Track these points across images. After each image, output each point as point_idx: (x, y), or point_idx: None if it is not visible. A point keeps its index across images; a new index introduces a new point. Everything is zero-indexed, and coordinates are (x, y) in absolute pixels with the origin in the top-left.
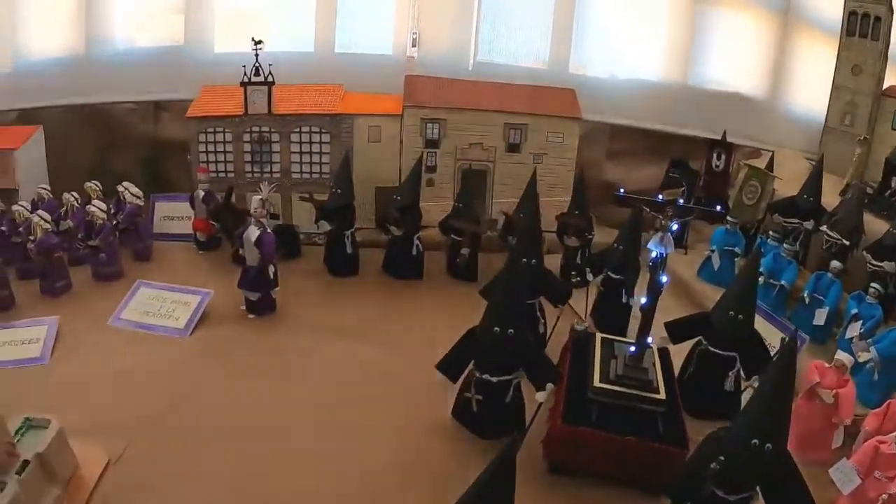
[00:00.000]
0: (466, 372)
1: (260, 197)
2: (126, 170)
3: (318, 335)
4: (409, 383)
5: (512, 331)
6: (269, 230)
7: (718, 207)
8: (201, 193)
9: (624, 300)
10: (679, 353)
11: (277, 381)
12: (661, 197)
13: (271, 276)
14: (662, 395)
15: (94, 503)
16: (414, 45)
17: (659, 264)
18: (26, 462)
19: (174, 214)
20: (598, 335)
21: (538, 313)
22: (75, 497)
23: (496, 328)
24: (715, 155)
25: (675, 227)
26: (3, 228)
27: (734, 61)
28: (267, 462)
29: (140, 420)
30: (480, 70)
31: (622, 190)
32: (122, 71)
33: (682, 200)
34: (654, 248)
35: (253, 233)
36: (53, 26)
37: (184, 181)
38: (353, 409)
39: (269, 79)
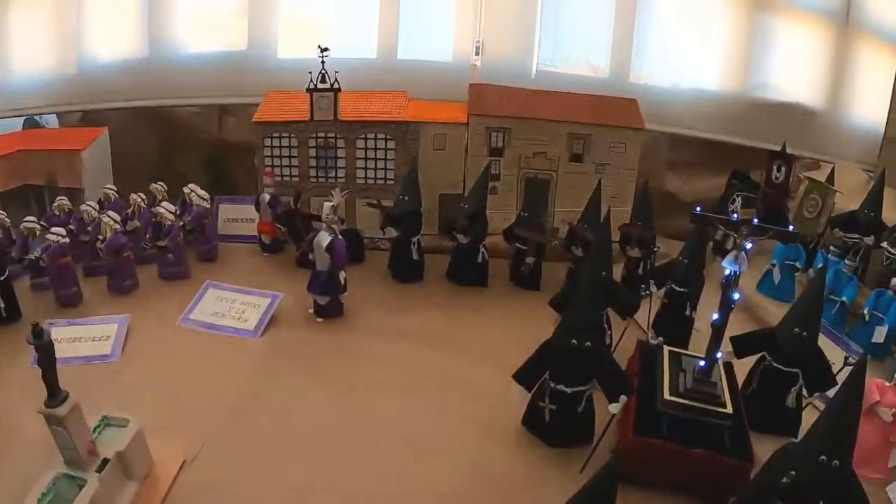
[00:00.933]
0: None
1: (332, 203)
2: (188, 171)
3: (385, 340)
4: (477, 389)
5: (588, 343)
6: (339, 236)
7: (791, 227)
8: (267, 197)
9: (687, 313)
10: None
11: (346, 385)
12: (736, 216)
13: (342, 281)
14: (729, 410)
15: (169, 502)
16: (477, 54)
17: (732, 282)
18: (106, 460)
19: (238, 216)
20: (666, 348)
21: (605, 324)
22: (151, 495)
23: (573, 340)
24: (775, 167)
25: (749, 245)
26: (72, 227)
27: (794, 71)
28: (335, 467)
29: (213, 420)
30: (542, 78)
31: (699, 209)
32: (187, 75)
33: (756, 220)
34: (728, 266)
35: (324, 238)
36: (118, 30)
37: (246, 183)
38: (420, 414)
39: (336, 86)
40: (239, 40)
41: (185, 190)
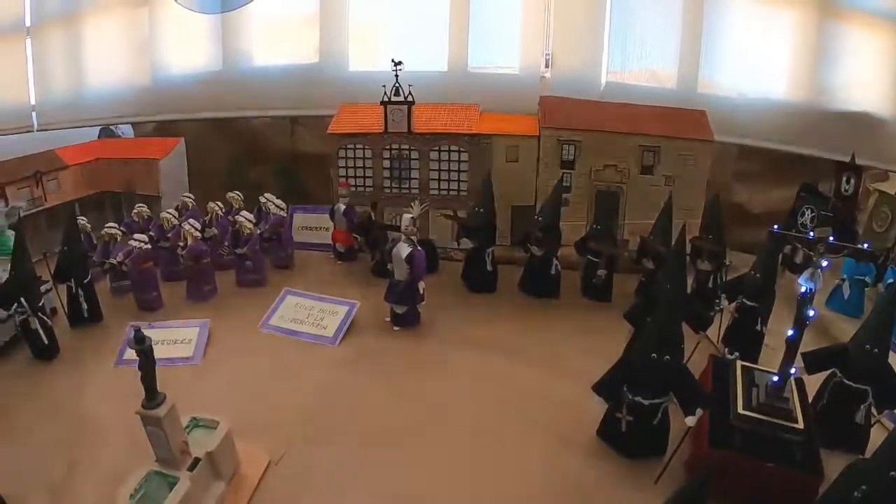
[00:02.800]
0: None
1: (411, 215)
2: (261, 181)
3: (460, 349)
4: (551, 399)
5: (668, 357)
6: (419, 247)
7: (866, 245)
8: (342, 207)
9: (758, 328)
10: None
11: (423, 394)
12: (812, 234)
13: (421, 291)
14: (801, 425)
15: (255, 502)
16: (547, 66)
17: (807, 299)
18: (197, 459)
19: (312, 225)
20: (738, 363)
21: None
22: (237, 495)
23: (653, 353)
24: (844, 178)
25: (825, 263)
26: (152, 234)
27: (863, 79)
28: (413, 473)
29: (295, 424)
30: (610, 90)
31: (777, 227)
32: (260, 87)
33: (832, 238)
34: (804, 284)
35: (403, 249)
36: (192, 43)
37: (317, 192)
38: (495, 423)
39: (409, 98)
40: (310, 53)
41: (261, 199)
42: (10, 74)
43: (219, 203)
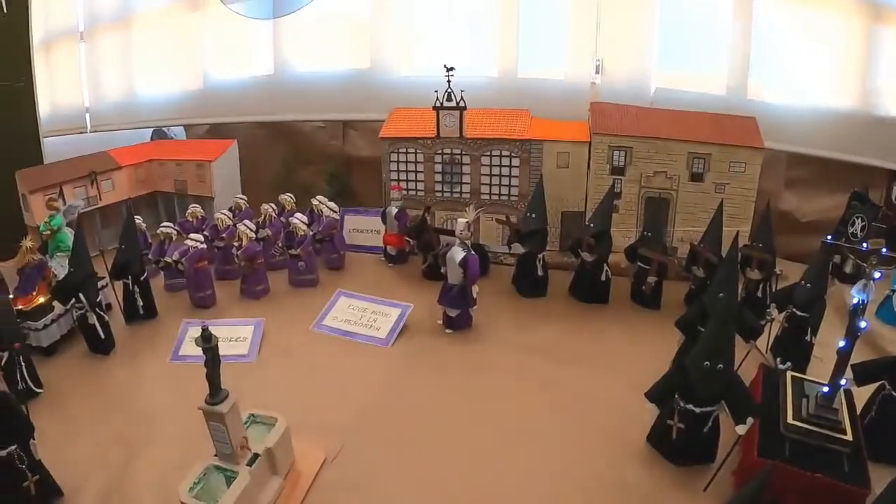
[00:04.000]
0: None
1: (466, 220)
2: (311, 183)
3: (511, 353)
4: (600, 404)
5: (721, 365)
6: (473, 252)
7: None
8: (394, 210)
9: (807, 338)
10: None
11: (475, 396)
12: (866, 245)
13: (474, 295)
14: (850, 437)
15: (311, 498)
16: (597, 72)
17: (859, 310)
18: (256, 455)
19: (363, 227)
20: (789, 373)
21: None
22: (293, 490)
23: (706, 362)
24: (895, 187)
25: (877, 275)
26: (206, 233)
27: None
28: (465, 473)
29: (349, 422)
30: (660, 96)
31: (829, 237)
32: (311, 91)
33: (885, 250)
34: (856, 295)
35: (458, 253)
36: (243, 47)
37: (367, 195)
38: (545, 426)
39: (462, 104)
40: (362, 58)
41: (314, 201)
42: (65, 77)
43: (272, 204)
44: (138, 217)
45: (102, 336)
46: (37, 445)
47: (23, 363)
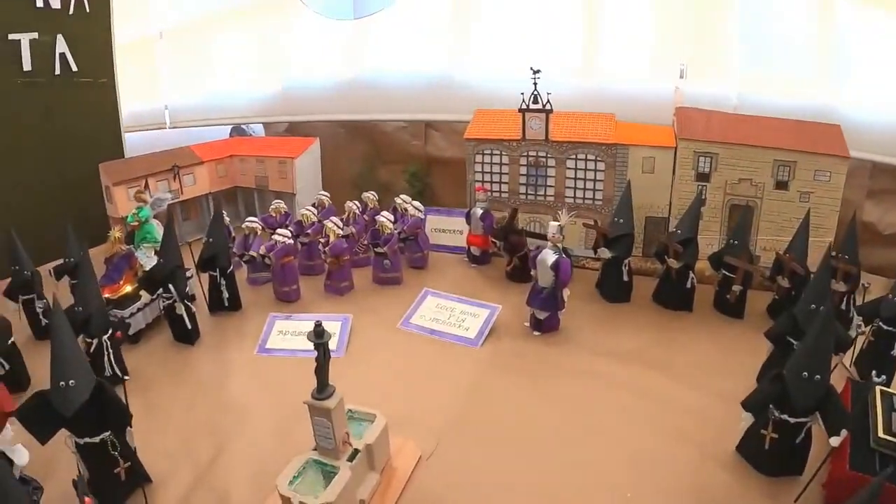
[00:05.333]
0: None
1: (558, 223)
2: (391, 182)
3: (597, 357)
4: (686, 412)
5: (818, 376)
6: (564, 255)
7: None
8: (479, 211)
9: (894, 353)
10: None
11: (564, 399)
12: None
13: (565, 298)
14: None
15: (406, 495)
16: (681, 76)
17: None
18: (356, 451)
19: (445, 227)
20: (878, 387)
21: None
22: (389, 487)
23: (804, 373)
24: None
25: None
26: (291, 229)
27: None
28: (556, 476)
29: (441, 422)
30: (743, 101)
31: None
32: (393, 91)
33: None
34: None
35: (549, 256)
36: (324, 48)
37: (447, 196)
38: (633, 432)
39: (548, 106)
40: (444, 59)
41: (397, 200)
42: (145, 75)
43: (356, 202)
44: (223, 213)
45: (189, 326)
46: (133, 434)
47: (110, 350)
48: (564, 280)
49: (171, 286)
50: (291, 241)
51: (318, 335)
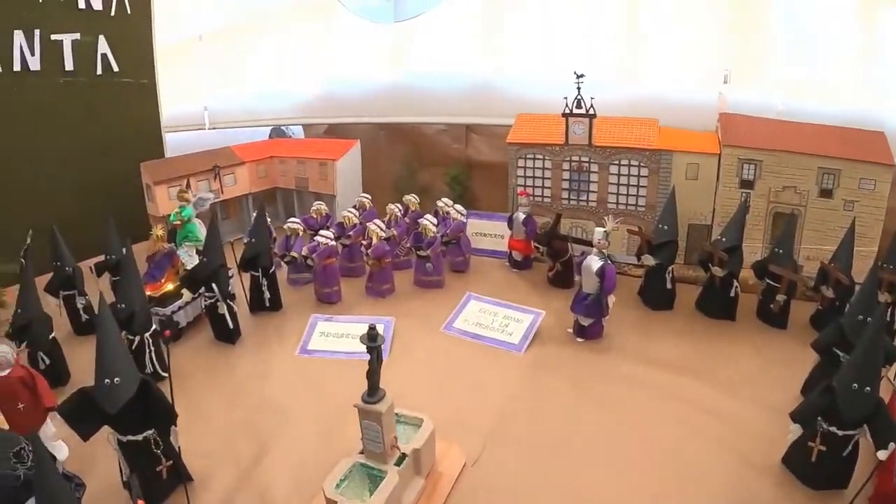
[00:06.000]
0: None
1: (604, 229)
2: (431, 185)
3: (640, 365)
4: (728, 421)
5: (868, 388)
6: (609, 262)
7: None
8: (521, 216)
9: None
10: None
11: (606, 407)
12: None
13: (610, 304)
14: None
15: (451, 500)
16: (725, 82)
17: None
18: (404, 455)
19: (486, 232)
20: None
21: None
22: (434, 492)
23: (854, 385)
24: None
25: None
26: (332, 230)
27: None
28: (599, 482)
29: (486, 426)
30: (787, 107)
31: None
32: (434, 95)
33: None
34: None
35: (594, 262)
36: (364, 50)
37: (487, 199)
38: (676, 440)
39: (591, 111)
40: (485, 63)
41: (439, 203)
42: (185, 76)
43: (398, 205)
44: (265, 215)
45: (231, 326)
46: (177, 433)
47: (151, 347)
48: (609, 287)
49: (214, 285)
50: (334, 243)
51: (372, 338)
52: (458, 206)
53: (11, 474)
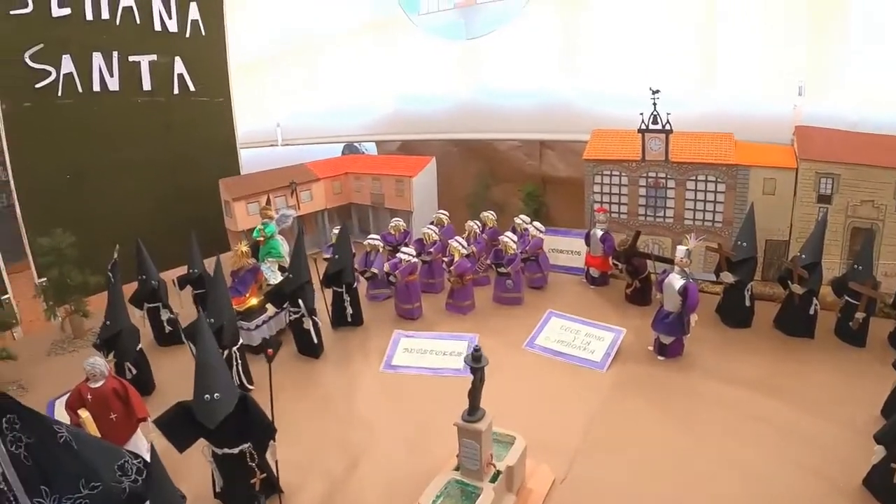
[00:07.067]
0: None
1: (686, 247)
2: (506, 201)
3: (720, 383)
4: (810, 440)
5: None
6: (692, 280)
7: None
8: (599, 233)
9: None
10: None
11: (687, 426)
12: None
13: (692, 323)
14: None
15: None
16: (800, 94)
17: None
18: (498, 472)
19: (562, 248)
20: None
21: None
22: None
23: None
24: None
25: None
26: (412, 247)
27: None
28: (680, 499)
29: (573, 444)
30: (863, 119)
31: None
32: (509, 111)
33: None
34: None
35: (676, 281)
36: (437, 68)
37: (561, 215)
38: (756, 457)
39: (668, 127)
40: (557, 79)
41: (517, 220)
42: (258, 94)
43: (476, 221)
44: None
45: (315, 340)
46: (276, 447)
47: (239, 360)
48: (692, 305)
49: (300, 301)
50: (416, 260)
51: (476, 360)
52: (537, 223)
53: (118, 487)
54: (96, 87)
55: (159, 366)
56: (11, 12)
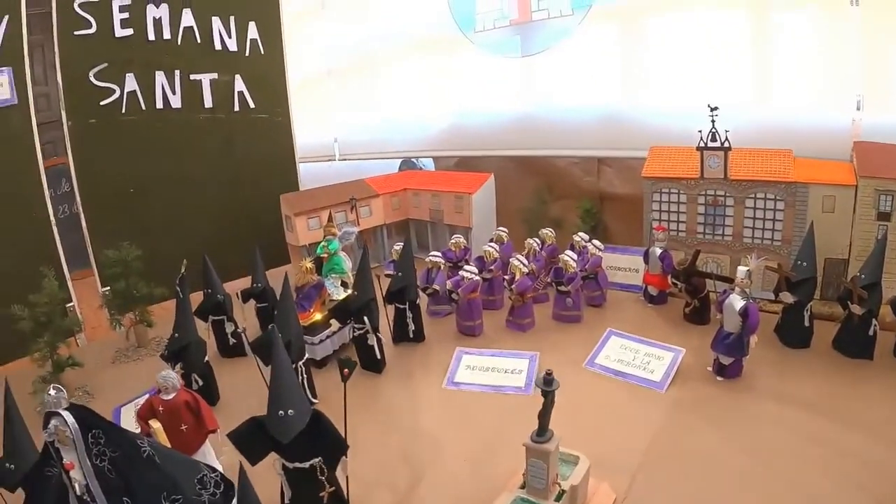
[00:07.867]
0: None
1: (747, 268)
2: (563, 217)
3: (780, 406)
4: (871, 468)
5: None
6: (752, 300)
7: None
8: (657, 251)
9: None
10: None
11: (748, 449)
12: None
13: (752, 344)
14: None
15: None
16: (858, 108)
17: None
18: (563, 491)
19: (620, 265)
20: None
21: None
22: None
23: None
24: None
25: None
26: (474, 264)
27: None
28: None
29: (633, 464)
30: None
31: None
32: (566, 128)
33: None
34: None
35: (737, 301)
36: (494, 84)
37: (619, 233)
38: (817, 481)
39: (726, 144)
40: (614, 95)
41: (576, 238)
42: (316, 109)
43: (536, 239)
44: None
45: (378, 356)
46: (347, 462)
47: (304, 375)
48: (752, 327)
49: (365, 318)
50: (478, 278)
51: (548, 383)
52: (596, 241)
53: (198, 500)
54: (159, 105)
55: (223, 377)
56: (75, 33)
